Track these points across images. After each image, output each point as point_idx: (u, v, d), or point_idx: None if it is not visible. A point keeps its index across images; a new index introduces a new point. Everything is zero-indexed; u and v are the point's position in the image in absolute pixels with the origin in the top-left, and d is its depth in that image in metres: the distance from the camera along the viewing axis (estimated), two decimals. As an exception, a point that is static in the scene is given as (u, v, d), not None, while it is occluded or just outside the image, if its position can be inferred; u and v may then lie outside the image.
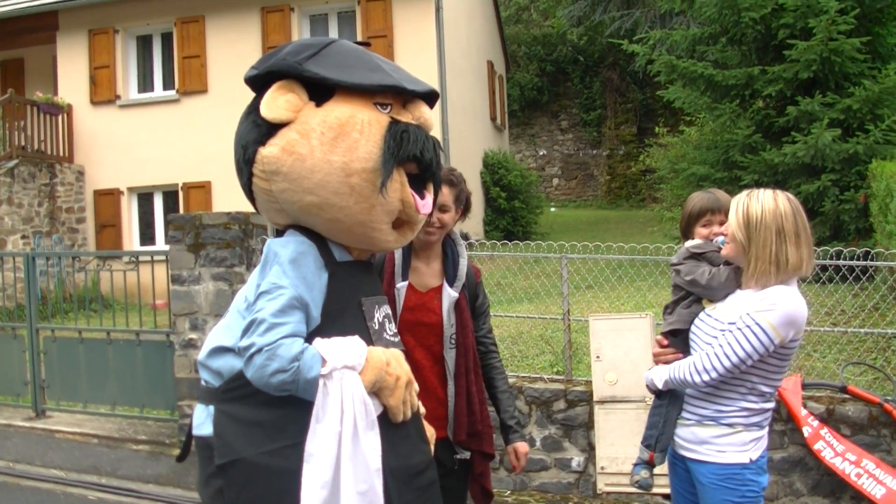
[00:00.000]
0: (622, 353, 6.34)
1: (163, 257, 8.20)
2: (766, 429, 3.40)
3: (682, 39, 12.81)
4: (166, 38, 17.62)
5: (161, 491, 6.94)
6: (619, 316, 6.90)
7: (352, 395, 2.70)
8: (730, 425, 3.34)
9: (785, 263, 3.21)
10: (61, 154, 17.25)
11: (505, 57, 24.92)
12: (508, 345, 8.02)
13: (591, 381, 6.68)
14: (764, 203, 3.26)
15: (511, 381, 7.02)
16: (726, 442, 3.33)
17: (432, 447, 3.27)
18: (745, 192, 3.35)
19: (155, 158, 16.31)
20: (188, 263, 7.74)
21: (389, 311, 3.17)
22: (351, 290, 2.98)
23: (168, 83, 17.57)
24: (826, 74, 11.08)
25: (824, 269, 7.06)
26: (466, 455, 3.76)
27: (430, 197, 3.10)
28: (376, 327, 3.01)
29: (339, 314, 2.90)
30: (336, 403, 2.68)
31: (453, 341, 3.69)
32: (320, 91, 2.92)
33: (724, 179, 11.93)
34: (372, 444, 2.72)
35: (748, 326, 3.21)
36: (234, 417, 2.82)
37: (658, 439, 4.11)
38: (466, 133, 17.89)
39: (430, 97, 3.19)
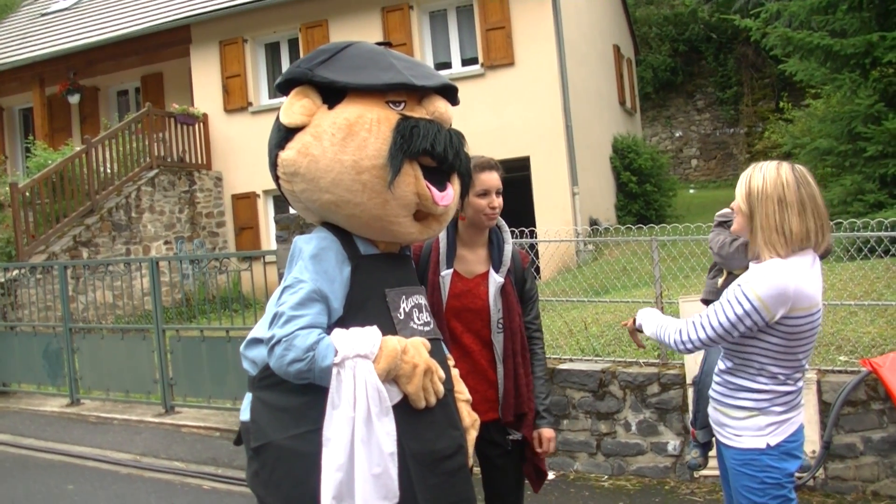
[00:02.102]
0: (713, 334, 6.23)
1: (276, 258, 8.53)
2: (792, 413, 3.27)
3: (799, 10, 12.41)
4: (293, 44, 18.11)
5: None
6: (708, 296, 6.75)
7: (364, 382, 2.83)
8: (740, 408, 3.27)
9: (790, 233, 3.11)
10: (199, 162, 18.01)
11: (633, 40, 24.58)
12: (617, 331, 7.99)
13: (684, 364, 6.64)
14: (766, 174, 3.18)
15: (606, 365, 7.06)
16: (742, 426, 3.27)
17: (474, 433, 3.38)
18: (752, 165, 3.29)
19: (287, 161, 16.71)
20: (294, 262, 7.99)
21: (422, 301, 3.27)
22: (375, 282, 3.11)
23: (296, 87, 18.02)
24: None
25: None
26: (518, 436, 3.82)
27: (451, 189, 3.19)
28: (402, 317, 3.12)
29: (362, 305, 3.04)
30: (349, 390, 2.82)
31: (500, 325, 3.75)
32: (334, 94, 3.08)
33: (847, 152, 11.59)
34: (386, 430, 2.84)
35: (735, 296, 3.14)
36: (267, 403, 3.01)
37: (696, 416, 4.12)
38: (592, 119, 17.76)
39: (447, 91, 3.26)
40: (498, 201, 3.74)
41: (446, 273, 3.77)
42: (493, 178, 3.73)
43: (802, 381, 3.35)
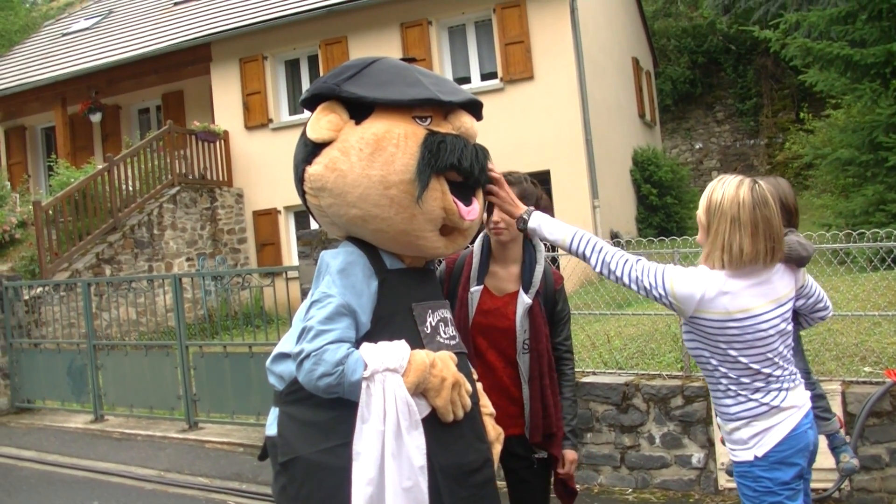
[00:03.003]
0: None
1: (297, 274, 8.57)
2: (770, 422, 3.27)
3: (818, 20, 12.41)
4: (312, 61, 18.23)
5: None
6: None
7: (394, 396, 2.84)
8: (724, 416, 3.37)
9: (739, 253, 3.15)
10: (220, 178, 18.12)
11: (652, 52, 24.60)
12: (640, 343, 7.99)
13: (708, 376, 6.61)
14: (726, 190, 3.21)
15: (629, 378, 7.05)
16: (732, 440, 3.37)
17: (499, 447, 3.38)
18: (717, 178, 3.31)
19: (308, 177, 16.83)
20: (317, 277, 8.03)
21: (447, 315, 3.27)
22: (402, 296, 3.12)
23: (316, 104, 18.12)
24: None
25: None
26: (543, 454, 3.80)
27: (477, 203, 3.21)
28: (428, 331, 3.13)
29: (390, 319, 3.05)
30: (379, 404, 2.83)
31: (526, 346, 3.72)
32: (361, 109, 3.09)
33: (869, 162, 11.57)
34: (416, 443, 2.85)
35: (655, 273, 3.24)
36: (294, 418, 3.02)
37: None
38: (611, 132, 17.77)
39: (472, 107, 3.28)
40: (507, 217, 3.63)
41: (476, 289, 3.76)
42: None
43: (777, 388, 3.30)
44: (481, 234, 3.84)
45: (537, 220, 3.45)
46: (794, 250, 3.68)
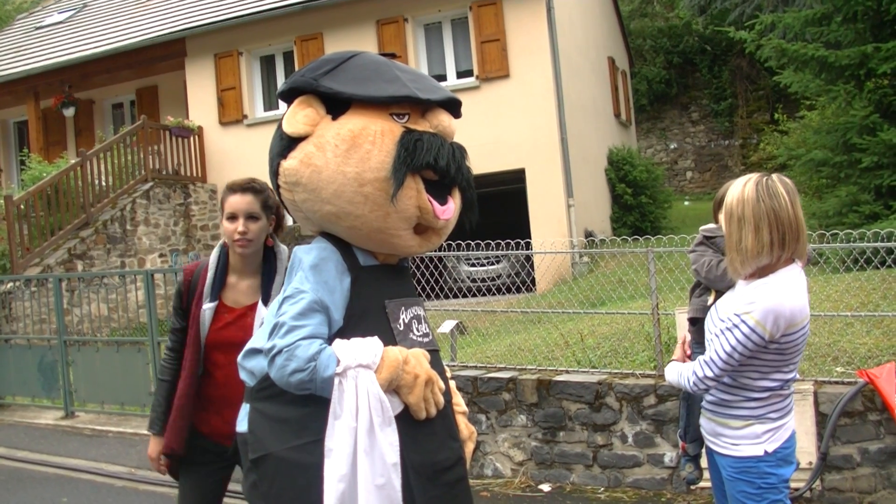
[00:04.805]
0: (710, 346, 6.24)
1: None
2: (786, 419, 3.31)
3: (794, 22, 12.49)
4: (288, 57, 18.17)
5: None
6: (704, 307, 6.75)
7: (367, 392, 2.81)
8: (737, 417, 3.31)
9: (745, 250, 3.16)
10: (194, 174, 18.04)
11: (628, 52, 24.71)
12: (613, 342, 8.00)
13: (681, 375, 6.63)
14: (733, 192, 3.23)
15: (602, 377, 7.05)
16: (739, 435, 3.31)
17: (471, 445, 3.38)
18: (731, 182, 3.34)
19: (282, 174, 16.79)
20: (291, 274, 7.99)
21: (420, 312, 3.24)
22: (375, 293, 3.08)
23: (291, 100, 18.09)
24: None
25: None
26: None
27: (452, 202, 3.18)
28: (401, 328, 3.10)
29: (363, 316, 3.01)
30: (351, 400, 2.80)
31: None
32: (338, 105, 3.04)
33: (843, 163, 11.65)
34: (388, 440, 2.82)
35: (736, 326, 3.17)
36: (265, 415, 2.98)
37: (686, 430, 4.11)
38: (587, 131, 17.83)
39: (451, 105, 3.25)
40: (252, 226, 3.66)
41: (208, 307, 3.71)
42: (240, 201, 3.69)
43: (793, 386, 3.38)
44: (218, 245, 3.81)
45: (666, 371, 3.60)
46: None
